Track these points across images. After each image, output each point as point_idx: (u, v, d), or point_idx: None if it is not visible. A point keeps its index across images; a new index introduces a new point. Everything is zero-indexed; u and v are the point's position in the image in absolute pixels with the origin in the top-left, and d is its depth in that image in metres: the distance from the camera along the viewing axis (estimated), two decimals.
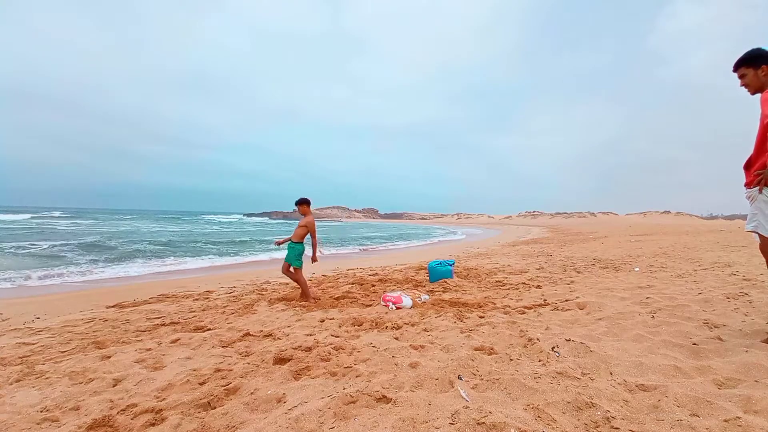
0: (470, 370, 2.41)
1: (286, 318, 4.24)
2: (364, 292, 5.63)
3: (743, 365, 2.19)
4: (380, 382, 2.26)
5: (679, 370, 2.21)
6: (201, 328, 3.95)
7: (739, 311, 3.30)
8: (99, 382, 2.61)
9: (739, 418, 1.66)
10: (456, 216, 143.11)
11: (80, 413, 2.20)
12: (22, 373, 2.83)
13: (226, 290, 6.53)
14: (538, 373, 2.25)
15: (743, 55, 2.57)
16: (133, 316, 4.70)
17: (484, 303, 4.47)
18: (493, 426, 1.69)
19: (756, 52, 2.52)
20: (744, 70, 2.57)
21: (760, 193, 2.50)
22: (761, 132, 2.50)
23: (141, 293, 6.42)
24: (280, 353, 2.89)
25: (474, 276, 6.93)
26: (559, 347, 2.67)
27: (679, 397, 1.88)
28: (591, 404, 1.84)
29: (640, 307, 3.74)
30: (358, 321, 3.84)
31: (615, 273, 6.37)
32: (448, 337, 3.11)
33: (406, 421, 1.82)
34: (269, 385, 2.39)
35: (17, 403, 2.34)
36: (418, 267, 8.39)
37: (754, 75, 2.52)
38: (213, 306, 5.17)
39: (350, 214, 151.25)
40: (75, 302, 5.95)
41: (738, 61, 2.59)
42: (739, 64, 2.59)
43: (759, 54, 2.50)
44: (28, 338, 3.87)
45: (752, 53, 2.53)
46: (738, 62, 2.59)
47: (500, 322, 3.50)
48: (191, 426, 1.99)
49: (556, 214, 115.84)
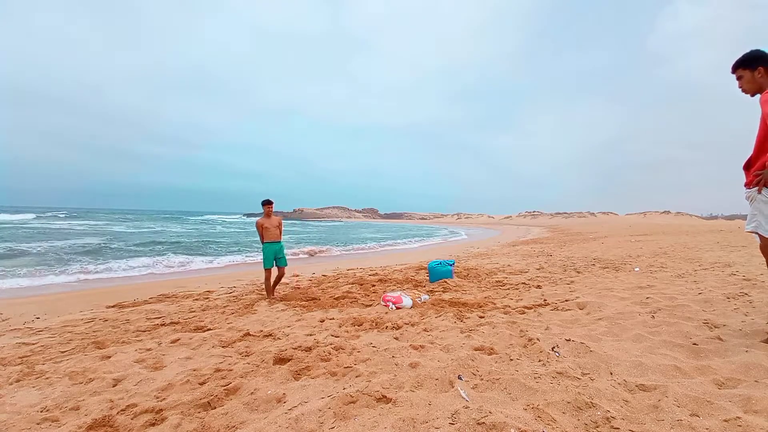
0: (470, 370, 2.41)
1: (286, 318, 4.24)
2: (364, 292, 5.63)
3: (743, 365, 2.19)
4: (380, 382, 2.26)
5: (679, 370, 2.21)
6: (201, 328, 3.95)
7: (739, 311, 3.30)
8: (99, 382, 2.61)
9: (739, 418, 1.66)
10: (456, 216, 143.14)
11: (80, 413, 2.20)
12: (22, 373, 2.83)
13: (226, 290, 6.53)
14: (538, 373, 2.25)
15: (740, 57, 2.59)
16: (133, 316, 4.70)
17: (484, 303, 4.47)
18: (493, 426, 1.69)
19: (753, 54, 2.54)
20: (741, 72, 2.60)
21: (760, 194, 2.51)
22: (761, 132, 2.51)
23: (141, 293, 6.43)
24: (280, 353, 2.89)
25: (474, 276, 6.92)
26: (559, 347, 2.66)
27: (679, 397, 1.88)
28: (591, 404, 1.84)
29: (640, 307, 3.73)
30: (358, 321, 3.84)
31: (615, 273, 6.37)
32: (448, 337, 3.11)
33: (406, 421, 1.82)
34: (269, 385, 2.39)
35: (17, 403, 2.34)
36: (418, 267, 8.39)
37: (750, 77, 2.55)
38: (213, 306, 5.17)
39: (350, 214, 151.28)
40: (75, 302, 5.95)
41: (735, 62, 2.62)
42: (737, 66, 2.62)
43: (755, 56, 2.52)
44: (28, 338, 3.87)
45: (749, 55, 2.55)
46: (735, 64, 2.62)
47: (500, 322, 3.50)
48: (191, 426, 1.99)
49: (556, 214, 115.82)
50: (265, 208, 5.80)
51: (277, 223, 5.89)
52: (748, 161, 2.66)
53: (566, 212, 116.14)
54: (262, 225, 5.83)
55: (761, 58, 2.50)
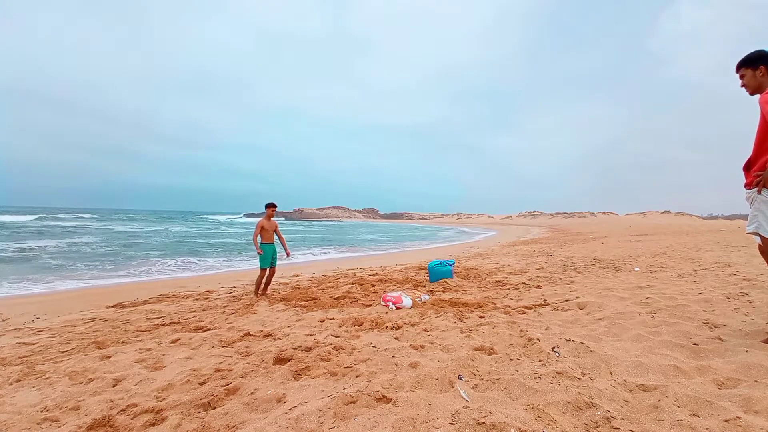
0: (470, 370, 2.41)
1: (286, 318, 4.24)
2: (364, 292, 5.63)
3: (743, 365, 2.19)
4: (380, 382, 2.26)
5: (679, 370, 2.21)
6: (201, 328, 3.95)
7: (739, 311, 3.30)
8: (99, 382, 2.61)
9: (739, 418, 1.66)
10: (456, 216, 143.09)
11: (80, 413, 2.20)
12: (22, 373, 2.83)
13: (226, 290, 6.53)
14: (538, 373, 2.24)
15: (744, 57, 2.68)
16: (133, 316, 4.70)
17: (484, 303, 4.47)
18: (493, 426, 1.69)
19: (756, 53, 2.62)
20: (744, 71, 2.68)
21: (760, 194, 2.52)
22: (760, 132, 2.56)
23: (141, 293, 6.43)
24: (280, 353, 2.89)
25: (474, 276, 6.93)
26: (559, 347, 2.66)
27: (679, 397, 1.88)
28: (591, 404, 1.84)
29: (640, 307, 3.73)
30: (358, 321, 3.83)
31: (615, 273, 6.37)
32: (448, 337, 3.11)
33: (406, 421, 1.82)
34: (269, 385, 2.39)
35: (17, 403, 2.34)
36: (418, 267, 8.40)
37: (752, 75, 2.64)
38: (213, 306, 5.17)
39: (350, 214, 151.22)
40: (75, 302, 5.95)
41: (739, 62, 2.71)
42: (740, 66, 2.71)
43: (758, 56, 2.61)
44: (28, 338, 3.87)
45: (752, 55, 2.64)
46: (739, 64, 2.71)
47: (500, 322, 3.50)
48: (191, 426, 1.99)
49: (556, 214, 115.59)
50: (268, 210, 5.91)
51: (275, 226, 6.07)
52: (747, 162, 2.68)
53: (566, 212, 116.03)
54: (261, 226, 5.96)
55: (763, 58, 2.59)
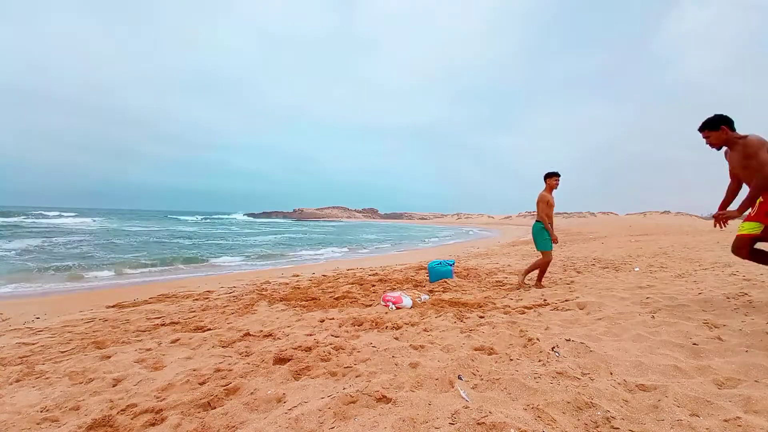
0: (470, 370, 2.41)
1: (286, 318, 4.24)
2: (364, 292, 5.63)
3: (743, 365, 2.19)
4: (380, 382, 2.26)
5: (679, 370, 2.21)
6: (201, 328, 3.95)
7: (739, 311, 3.30)
8: (99, 382, 2.61)
9: (739, 418, 1.66)
10: (456, 216, 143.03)
11: (80, 413, 2.20)
12: (22, 373, 2.83)
13: (226, 290, 6.53)
14: (538, 373, 2.24)
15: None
16: (133, 316, 4.70)
17: (484, 303, 4.47)
18: (493, 426, 1.69)
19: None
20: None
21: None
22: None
23: (141, 293, 6.43)
24: (280, 353, 2.89)
25: (474, 276, 6.93)
26: (559, 347, 2.66)
27: (679, 397, 1.88)
28: (591, 404, 1.84)
29: (640, 307, 3.73)
30: (358, 321, 3.83)
31: (615, 273, 6.37)
32: (448, 337, 3.11)
33: (406, 421, 1.82)
34: (269, 385, 2.39)
35: (17, 403, 2.34)
36: (418, 267, 8.40)
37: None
38: (213, 306, 5.17)
39: (350, 214, 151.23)
40: (75, 302, 5.95)
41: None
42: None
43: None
44: (28, 338, 3.87)
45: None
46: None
47: (500, 322, 3.50)
48: (191, 426, 1.99)
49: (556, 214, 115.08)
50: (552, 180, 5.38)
51: None
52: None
53: (566, 212, 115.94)
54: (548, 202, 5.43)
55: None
